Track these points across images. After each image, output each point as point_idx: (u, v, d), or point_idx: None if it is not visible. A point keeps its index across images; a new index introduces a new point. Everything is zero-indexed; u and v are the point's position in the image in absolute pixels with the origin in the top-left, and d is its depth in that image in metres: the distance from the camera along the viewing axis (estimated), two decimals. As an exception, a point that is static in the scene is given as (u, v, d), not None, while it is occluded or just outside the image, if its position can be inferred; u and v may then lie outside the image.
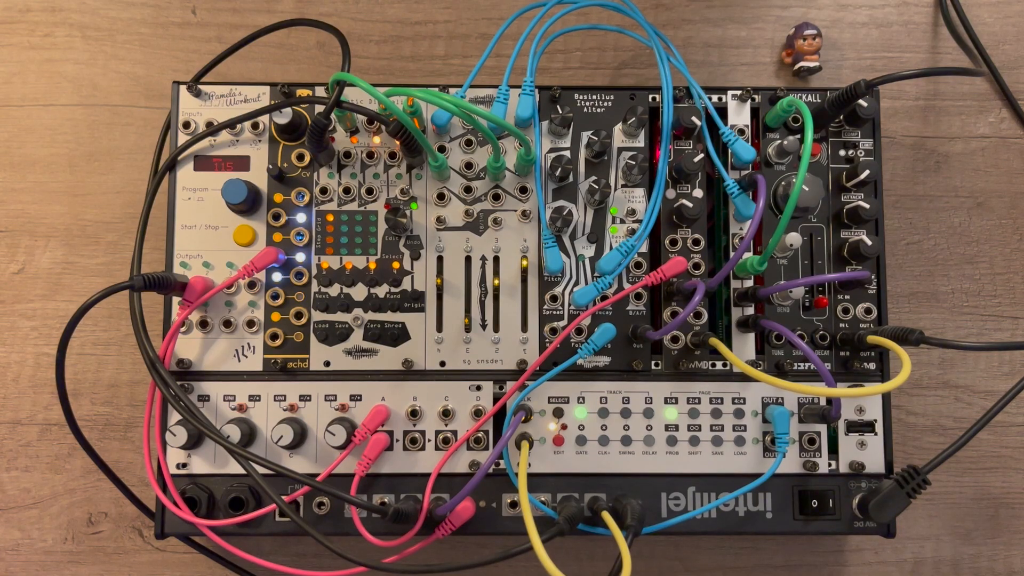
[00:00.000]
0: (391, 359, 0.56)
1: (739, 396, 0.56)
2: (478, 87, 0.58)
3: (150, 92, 0.65)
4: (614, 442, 0.55)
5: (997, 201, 0.66)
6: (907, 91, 0.66)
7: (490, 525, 0.55)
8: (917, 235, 0.65)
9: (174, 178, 0.57)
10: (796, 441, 0.55)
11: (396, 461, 0.55)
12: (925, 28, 0.67)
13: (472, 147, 0.57)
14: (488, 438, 0.55)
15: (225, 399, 0.55)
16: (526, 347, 0.56)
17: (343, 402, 0.55)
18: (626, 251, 0.54)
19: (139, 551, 0.62)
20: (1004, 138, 0.66)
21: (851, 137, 0.58)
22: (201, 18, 0.66)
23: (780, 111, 0.56)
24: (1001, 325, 0.65)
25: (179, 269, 0.56)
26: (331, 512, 0.54)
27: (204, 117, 0.57)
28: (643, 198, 0.57)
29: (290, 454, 0.55)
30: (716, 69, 0.66)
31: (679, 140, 0.57)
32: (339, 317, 0.56)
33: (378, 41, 0.66)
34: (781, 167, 0.58)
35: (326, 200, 0.57)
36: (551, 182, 0.57)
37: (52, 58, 0.65)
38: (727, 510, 0.55)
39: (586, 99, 0.58)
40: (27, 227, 0.64)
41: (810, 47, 0.63)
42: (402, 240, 0.57)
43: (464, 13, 0.66)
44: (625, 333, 0.56)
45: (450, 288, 0.56)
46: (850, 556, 0.63)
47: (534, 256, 0.57)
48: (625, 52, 0.66)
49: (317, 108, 0.57)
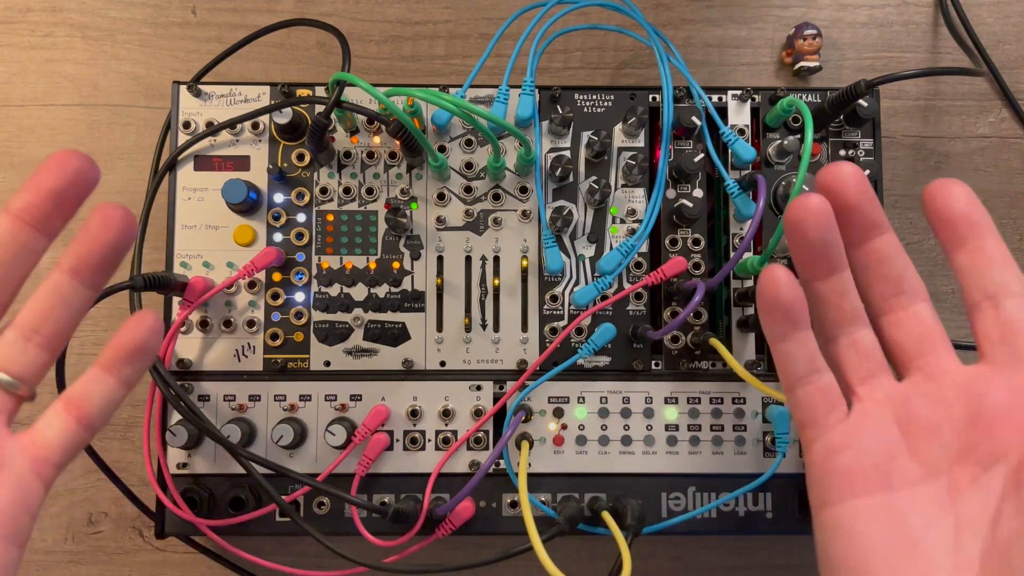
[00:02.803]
0: (391, 359, 0.56)
1: (739, 396, 0.56)
2: (478, 87, 0.58)
3: (150, 92, 0.65)
4: (614, 442, 0.55)
5: (997, 201, 0.66)
6: (907, 91, 0.66)
7: (490, 525, 0.55)
8: (917, 235, 0.65)
9: (174, 178, 0.57)
10: (796, 441, 0.55)
11: (396, 461, 0.55)
12: (925, 28, 0.67)
13: (472, 147, 0.57)
14: (488, 438, 0.55)
15: (225, 399, 0.55)
16: (526, 347, 0.56)
17: (343, 402, 0.55)
18: (626, 251, 0.54)
19: (139, 551, 0.62)
20: (1004, 138, 0.66)
21: (851, 137, 0.58)
22: (201, 18, 0.66)
23: (780, 111, 0.56)
24: (1001, 325, 0.65)
25: (179, 269, 0.56)
26: (331, 512, 0.54)
27: (204, 117, 0.57)
28: (643, 198, 0.57)
29: (290, 454, 0.55)
30: (716, 69, 0.66)
31: (679, 140, 0.57)
32: (339, 317, 0.56)
33: (378, 41, 0.66)
34: (781, 167, 0.58)
35: (326, 200, 0.57)
36: (551, 182, 0.57)
37: (52, 58, 0.65)
38: (727, 510, 0.55)
39: (586, 99, 0.58)
40: (27, 227, 0.63)
41: (810, 47, 0.63)
42: (402, 240, 0.57)
43: (464, 13, 0.66)
44: (625, 333, 0.56)
45: (450, 288, 0.56)
46: (850, 556, 0.63)
47: (534, 256, 0.57)
48: (625, 52, 0.66)
49: (317, 108, 0.57)
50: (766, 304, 0.35)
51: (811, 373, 0.36)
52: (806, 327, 0.35)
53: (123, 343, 0.34)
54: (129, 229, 0.33)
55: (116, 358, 0.34)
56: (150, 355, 0.35)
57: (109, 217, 0.33)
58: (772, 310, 0.35)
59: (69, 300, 0.34)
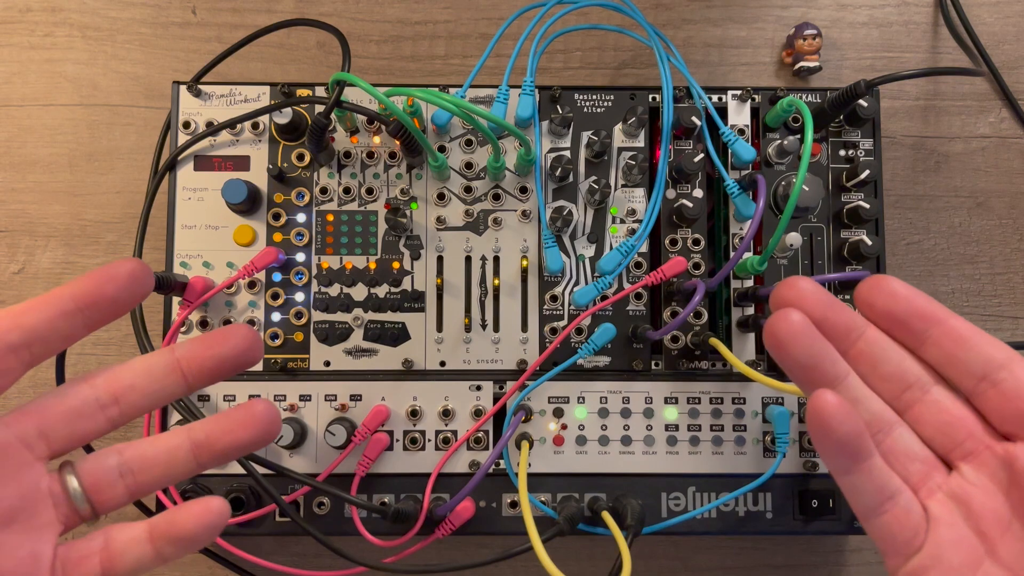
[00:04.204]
0: (391, 359, 0.56)
1: (739, 396, 0.56)
2: (478, 87, 0.58)
3: (150, 92, 0.65)
4: (614, 442, 0.55)
5: (997, 201, 0.66)
6: (907, 91, 0.66)
7: (490, 525, 0.55)
8: (917, 235, 0.65)
9: (174, 178, 0.57)
10: (796, 441, 0.55)
11: (396, 461, 0.55)
12: (925, 28, 0.67)
13: (472, 147, 0.57)
14: (488, 438, 0.55)
15: (225, 399, 0.55)
16: (526, 347, 0.56)
17: (343, 402, 0.55)
18: (626, 251, 0.54)
19: (139, 551, 0.61)
20: (1004, 138, 0.66)
21: (851, 137, 0.58)
22: (201, 18, 0.66)
23: (780, 111, 0.56)
24: (1001, 325, 0.65)
25: (179, 269, 0.56)
26: (331, 512, 0.54)
27: (204, 117, 0.57)
28: (643, 198, 0.57)
29: (290, 454, 0.55)
30: (716, 69, 0.66)
31: (679, 140, 0.57)
32: (339, 317, 0.56)
33: (378, 41, 0.66)
34: (781, 167, 0.58)
35: (326, 200, 0.57)
36: (551, 182, 0.57)
37: (52, 58, 0.65)
38: (727, 510, 0.55)
39: (586, 99, 0.58)
40: (27, 227, 0.64)
41: (810, 47, 0.63)
42: (402, 240, 0.57)
43: (464, 13, 0.66)
44: (625, 333, 0.56)
45: (450, 288, 0.56)
46: (850, 556, 0.63)
47: (534, 256, 0.57)
48: (625, 52, 0.66)
49: (317, 108, 0.57)
50: (819, 442, 0.30)
51: (884, 501, 0.32)
52: (871, 454, 0.31)
53: (183, 527, 0.31)
54: (272, 434, 0.32)
55: (166, 537, 0.32)
56: (203, 544, 0.33)
57: (258, 416, 0.32)
58: (827, 447, 0.30)
59: (178, 468, 0.32)
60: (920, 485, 0.32)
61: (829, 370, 0.32)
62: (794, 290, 0.32)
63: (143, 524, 0.32)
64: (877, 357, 0.33)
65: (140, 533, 0.32)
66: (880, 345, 0.33)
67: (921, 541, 0.32)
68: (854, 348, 0.33)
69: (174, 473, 0.32)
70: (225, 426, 0.32)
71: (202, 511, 0.32)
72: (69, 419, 0.32)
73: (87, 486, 0.32)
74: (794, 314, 0.31)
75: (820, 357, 0.31)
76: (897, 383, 0.33)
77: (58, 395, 0.32)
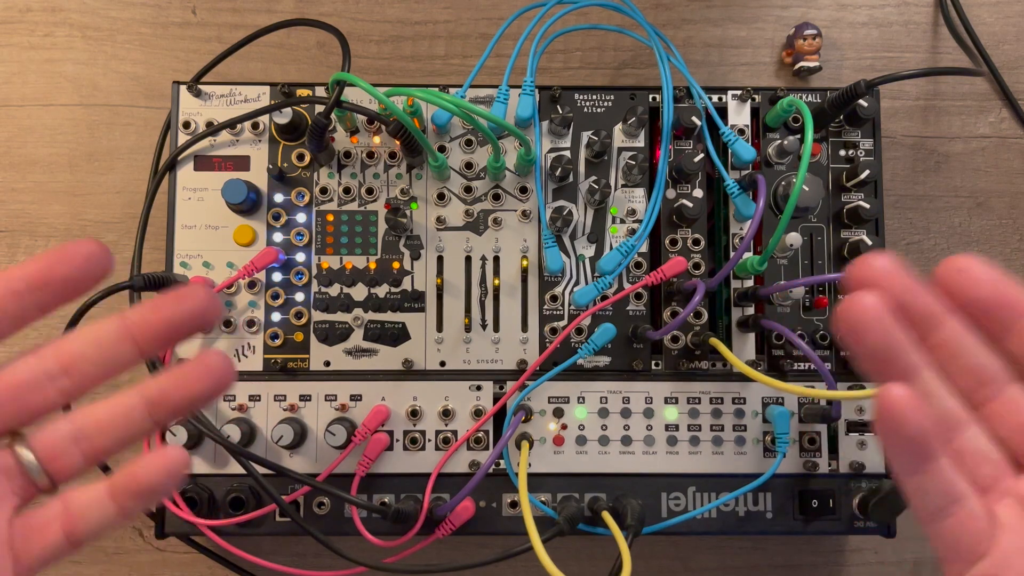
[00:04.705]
0: (391, 359, 0.56)
1: (739, 396, 0.56)
2: (478, 87, 0.58)
3: (150, 92, 0.65)
4: (614, 442, 0.55)
5: (997, 201, 0.66)
6: (907, 91, 0.66)
7: (490, 525, 0.55)
8: (917, 235, 0.65)
9: (174, 178, 0.57)
10: (796, 441, 0.55)
11: (396, 461, 0.55)
12: (925, 28, 0.67)
13: (472, 147, 0.57)
14: (488, 438, 0.55)
15: (225, 399, 0.55)
16: (526, 347, 0.56)
17: (343, 402, 0.55)
18: (626, 251, 0.54)
19: (139, 551, 0.62)
20: (1004, 138, 0.66)
21: (851, 137, 0.58)
22: (201, 18, 0.66)
23: (780, 111, 0.56)
24: (1001, 325, 0.65)
25: (179, 269, 0.56)
26: (331, 512, 0.54)
27: (204, 117, 0.57)
28: (643, 198, 0.57)
29: (290, 454, 0.55)
30: (716, 69, 0.66)
31: (679, 140, 0.57)
32: (339, 317, 0.56)
33: (378, 41, 0.66)
34: (781, 167, 0.58)
35: (326, 200, 0.57)
36: (551, 182, 0.57)
37: (52, 58, 0.65)
38: (727, 510, 0.55)
39: (586, 99, 0.58)
40: (27, 227, 0.64)
41: (810, 47, 0.63)
42: (402, 240, 0.57)
43: (464, 13, 0.66)
44: (625, 333, 0.56)
45: (450, 288, 0.56)
46: (850, 556, 0.63)
47: (534, 256, 0.57)
48: (625, 52, 0.66)
49: (317, 108, 0.57)
50: (887, 440, 0.29)
51: (950, 504, 0.30)
52: (940, 454, 0.29)
53: (144, 479, 0.31)
54: (226, 384, 0.31)
55: (127, 491, 0.32)
56: (164, 495, 0.32)
57: (212, 367, 0.31)
58: (894, 446, 0.28)
59: (134, 428, 0.32)
60: (989, 488, 0.30)
61: (903, 362, 0.29)
62: (870, 269, 0.29)
63: (102, 484, 0.32)
64: (955, 349, 0.30)
65: (99, 493, 0.32)
66: (960, 336, 0.30)
67: (986, 548, 0.30)
68: (931, 337, 0.30)
69: (130, 433, 0.32)
70: (179, 380, 0.31)
71: (162, 460, 0.31)
72: (16, 393, 0.31)
73: (41, 456, 0.31)
74: (869, 298, 0.28)
75: (895, 348, 0.29)
76: (973, 378, 0.30)
77: (2, 369, 0.31)
